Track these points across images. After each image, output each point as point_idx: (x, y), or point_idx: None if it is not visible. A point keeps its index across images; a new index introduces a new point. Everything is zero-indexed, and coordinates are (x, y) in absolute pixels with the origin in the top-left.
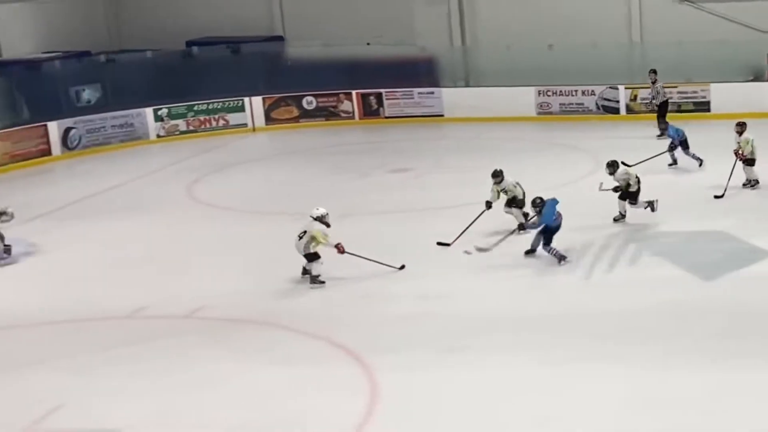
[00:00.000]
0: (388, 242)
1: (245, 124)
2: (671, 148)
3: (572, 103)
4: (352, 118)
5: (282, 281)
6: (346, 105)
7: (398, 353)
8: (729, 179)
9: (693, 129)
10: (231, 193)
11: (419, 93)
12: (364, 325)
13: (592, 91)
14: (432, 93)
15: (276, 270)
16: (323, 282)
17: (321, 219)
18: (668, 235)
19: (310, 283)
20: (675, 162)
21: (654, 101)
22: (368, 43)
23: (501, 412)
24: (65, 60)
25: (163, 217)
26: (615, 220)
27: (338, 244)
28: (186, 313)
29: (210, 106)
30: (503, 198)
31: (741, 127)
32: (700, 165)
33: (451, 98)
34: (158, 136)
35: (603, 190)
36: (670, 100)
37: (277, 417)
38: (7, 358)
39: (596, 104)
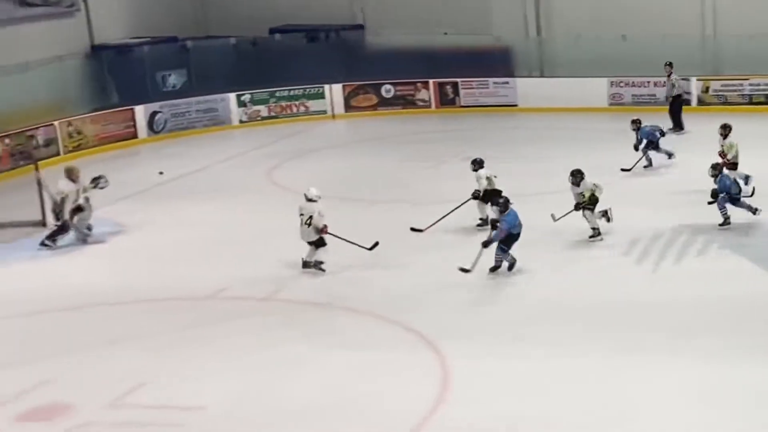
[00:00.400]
0: (457, 229)
1: (325, 111)
2: (647, 148)
3: (644, 95)
4: (429, 106)
5: (357, 266)
6: (423, 94)
7: (469, 340)
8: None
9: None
10: (309, 179)
11: (494, 83)
12: (436, 310)
13: (664, 82)
14: (507, 83)
15: (352, 254)
16: (324, 270)
17: (316, 200)
18: (737, 228)
19: (312, 267)
20: (650, 163)
21: (669, 95)
22: (446, 33)
23: (566, 401)
24: (153, 46)
25: (244, 201)
26: (591, 237)
27: (324, 225)
28: (265, 295)
29: (291, 93)
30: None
31: (725, 130)
32: (670, 158)
33: (525, 88)
34: (241, 121)
35: (557, 219)
36: (741, 92)
37: (350, 399)
38: (91, 336)
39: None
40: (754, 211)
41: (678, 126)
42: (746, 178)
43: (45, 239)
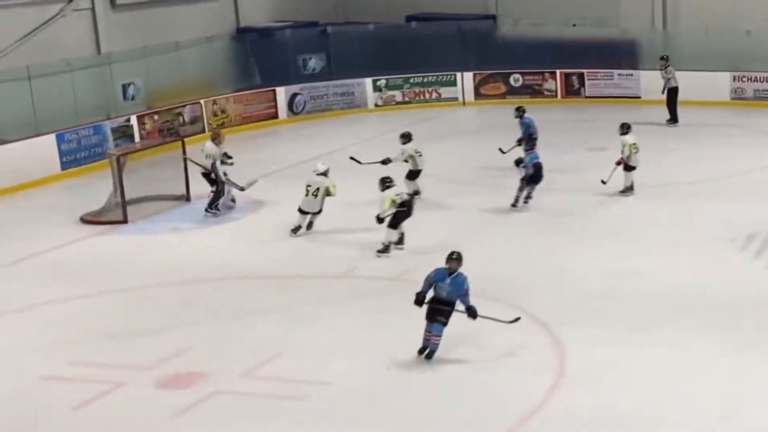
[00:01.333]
0: (575, 218)
1: (456, 98)
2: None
3: (767, 90)
4: (555, 96)
5: (479, 250)
6: (549, 83)
7: (589, 328)
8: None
9: None
10: (438, 163)
11: (619, 74)
12: (557, 297)
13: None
14: (631, 75)
15: (471, 238)
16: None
17: (326, 174)
18: None
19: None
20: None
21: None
22: (574, 24)
23: (680, 396)
24: (295, 29)
25: (373, 183)
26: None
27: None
28: (393, 275)
29: (425, 80)
30: None
31: (624, 129)
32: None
33: (649, 80)
34: (376, 105)
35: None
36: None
37: (467, 382)
38: (228, 308)
39: None
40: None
41: (674, 119)
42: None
43: (208, 207)
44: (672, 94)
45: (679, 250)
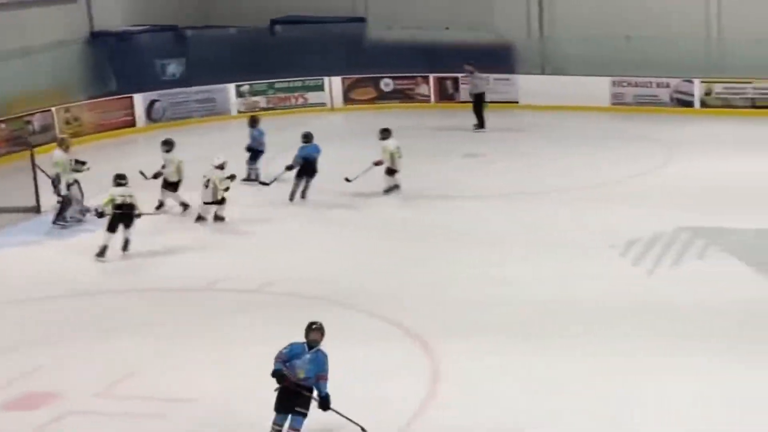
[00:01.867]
0: (444, 224)
1: (324, 104)
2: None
3: (646, 95)
4: (429, 101)
5: (346, 261)
6: (422, 88)
7: (466, 339)
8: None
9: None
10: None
11: (495, 79)
12: (430, 308)
13: (667, 83)
14: (508, 80)
15: (339, 249)
16: (224, 218)
17: (221, 167)
18: (736, 232)
19: (214, 220)
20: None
21: None
22: (447, 28)
23: (558, 402)
24: (153, 33)
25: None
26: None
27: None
28: (257, 287)
29: (290, 85)
30: None
31: (383, 134)
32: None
33: (527, 85)
34: (239, 111)
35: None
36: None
37: (340, 396)
38: (86, 324)
39: (670, 97)
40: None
41: (480, 125)
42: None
43: (55, 219)
44: (478, 99)
45: (557, 256)
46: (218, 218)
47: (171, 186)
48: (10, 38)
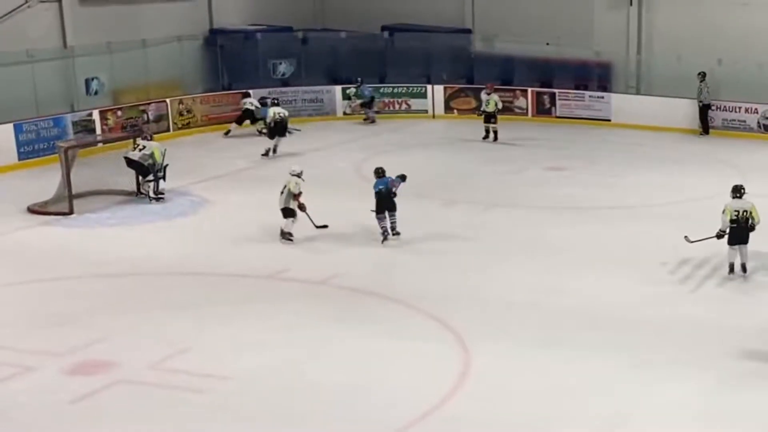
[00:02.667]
0: (516, 235)
1: (426, 110)
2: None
3: (734, 120)
4: (526, 114)
5: (412, 261)
6: (521, 101)
7: (498, 339)
8: None
9: None
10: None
11: (590, 96)
12: (474, 308)
13: (756, 109)
14: (602, 97)
15: (408, 250)
16: (292, 239)
17: (298, 175)
18: None
19: (281, 238)
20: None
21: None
22: (548, 44)
23: (573, 408)
24: (266, 33)
25: (327, 190)
26: None
27: (301, 202)
28: (321, 279)
29: (395, 90)
30: None
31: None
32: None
33: (620, 104)
34: (344, 113)
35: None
36: None
37: (370, 382)
38: (148, 302)
39: (758, 123)
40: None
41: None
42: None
43: (153, 196)
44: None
45: (611, 270)
46: (285, 236)
47: None
48: (134, 31)
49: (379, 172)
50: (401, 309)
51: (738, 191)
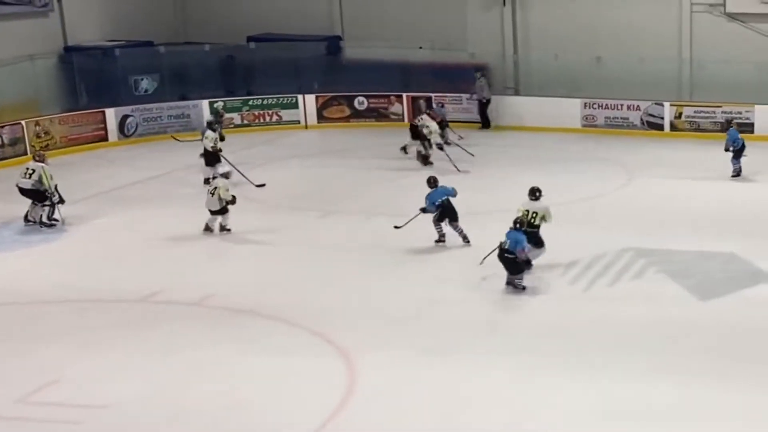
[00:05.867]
0: (395, 245)
1: (298, 121)
2: None
3: (617, 117)
4: (402, 120)
5: (289, 275)
6: (396, 107)
7: (385, 352)
8: None
9: None
10: (270, 187)
11: (467, 99)
12: (356, 320)
13: (638, 106)
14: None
15: (286, 264)
16: (230, 229)
17: (225, 176)
18: (678, 253)
19: (220, 231)
20: None
21: None
22: (421, 47)
23: (468, 418)
24: (126, 49)
25: (197, 207)
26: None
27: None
28: (194, 300)
29: (265, 102)
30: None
31: None
32: None
33: (498, 105)
34: None
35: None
36: (713, 120)
37: (253, 404)
38: (13, 332)
39: (641, 119)
40: None
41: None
42: None
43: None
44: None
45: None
46: (224, 229)
47: None
48: None
49: (432, 182)
50: (280, 326)
51: (533, 193)
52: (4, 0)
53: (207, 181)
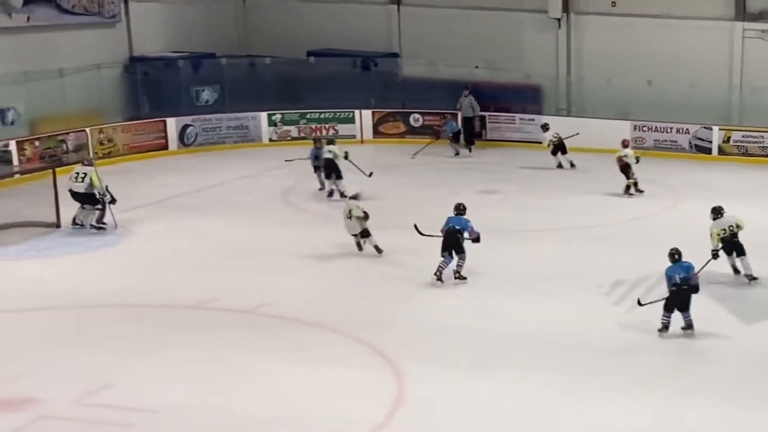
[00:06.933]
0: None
1: (354, 136)
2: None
3: (666, 140)
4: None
5: (341, 287)
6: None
7: (433, 364)
8: None
9: None
10: (322, 200)
11: (521, 119)
12: (408, 333)
13: (687, 129)
14: (533, 120)
15: (338, 276)
16: (381, 250)
17: (355, 197)
18: (724, 276)
19: (377, 252)
20: None
21: None
22: (477, 67)
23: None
24: (188, 60)
25: (253, 217)
26: None
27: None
28: (249, 308)
29: (322, 116)
30: None
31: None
32: None
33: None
34: (270, 140)
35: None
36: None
37: (296, 414)
38: (78, 335)
39: (689, 143)
40: None
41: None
42: None
43: (95, 225)
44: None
45: (541, 292)
46: (377, 249)
47: None
48: (51, 59)
49: (460, 208)
50: (332, 336)
51: (718, 212)
52: (75, 11)
53: (330, 194)
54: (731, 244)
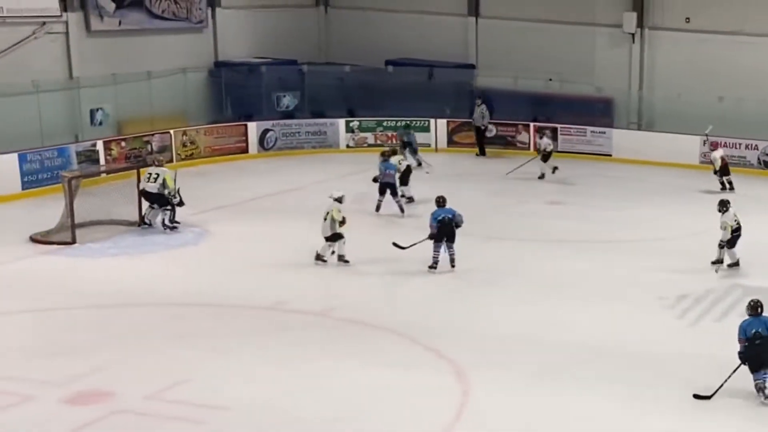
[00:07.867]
0: (515, 268)
1: (429, 144)
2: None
3: (735, 156)
4: (527, 149)
5: (411, 293)
6: (523, 136)
7: (499, 371)
8: None
9: None
10: (392, 206)
11: (591, 131)
12: (475, 339)
13: (756, 145)
14: (604, 133)
15: (408, 282)
16: (348, 261)
17: (339, 200)
18: None
19: (338, 261)
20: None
21: None
22: (550, 79)
23: None
24: (271, 66)
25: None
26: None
27: (344, 218)
28: (320, 310)
29: (398, 124)
30: None
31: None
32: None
33: (621, 139)
34: (347, 146)
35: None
36: None
37: (367, 416)
38: (155, 331)
39: (758, 159)
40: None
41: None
42: None
43: (168, 224)
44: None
45: (605, 304)
46: (342, 259)
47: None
48: (139, 62)
49: (440, 201)
50: (400, 341)
51: (725, 205)
52: (165, 16)
53: (411, 199)
54: (735, 237)
